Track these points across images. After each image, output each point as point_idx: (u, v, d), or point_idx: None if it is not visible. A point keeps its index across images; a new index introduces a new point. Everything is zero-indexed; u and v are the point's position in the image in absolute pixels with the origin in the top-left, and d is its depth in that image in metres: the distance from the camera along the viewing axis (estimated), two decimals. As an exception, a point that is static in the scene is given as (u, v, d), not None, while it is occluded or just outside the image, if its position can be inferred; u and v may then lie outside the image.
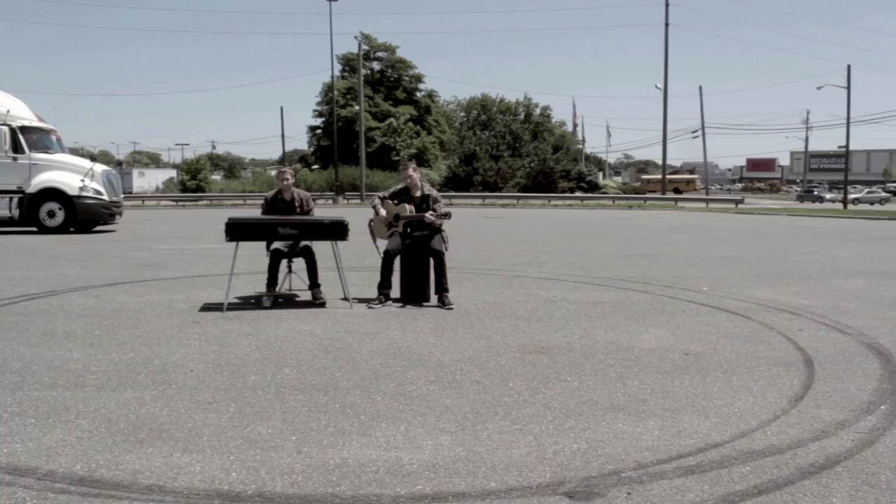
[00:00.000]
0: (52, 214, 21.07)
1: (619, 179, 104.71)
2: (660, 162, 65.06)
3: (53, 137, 22.64)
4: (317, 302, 8.81)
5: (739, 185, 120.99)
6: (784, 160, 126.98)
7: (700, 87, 69.65)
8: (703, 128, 63.35)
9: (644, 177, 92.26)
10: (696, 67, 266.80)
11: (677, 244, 18.40)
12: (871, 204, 63.45)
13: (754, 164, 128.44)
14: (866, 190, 75.26)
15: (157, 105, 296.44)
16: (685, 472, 3.77)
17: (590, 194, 59.03)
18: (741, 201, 51.78)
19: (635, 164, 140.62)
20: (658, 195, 58.18)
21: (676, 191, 69.25)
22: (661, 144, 58.83)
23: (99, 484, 3.58)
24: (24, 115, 21.94)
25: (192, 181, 60.87)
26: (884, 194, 71.85)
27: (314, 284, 8.97)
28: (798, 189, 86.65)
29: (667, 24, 55.95)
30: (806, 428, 4.47)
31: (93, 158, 26.63)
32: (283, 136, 73.76)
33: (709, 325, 7.71)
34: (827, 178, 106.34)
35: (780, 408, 4.87)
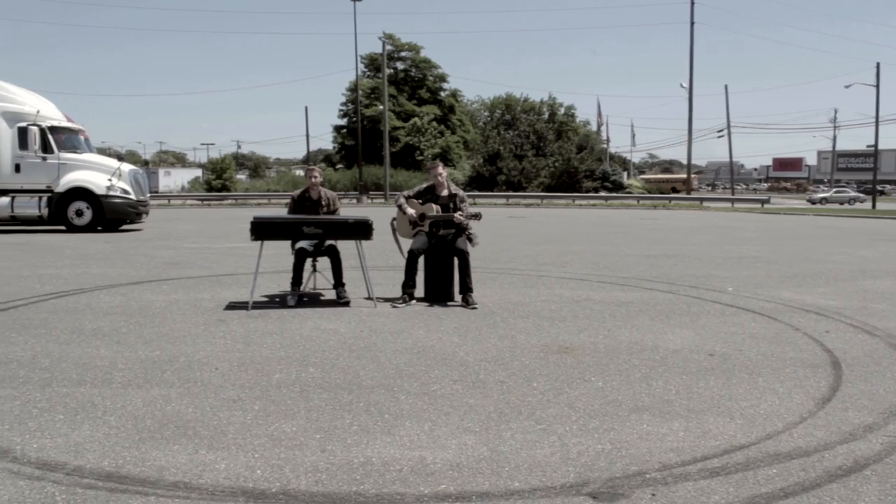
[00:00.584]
0: (80, 213, 21.30)
1: (643, 179, 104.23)
2: (685, 162, 64.64)
3: (82, 137, 22.89)
4: (341, 301, 8.83)
5: (765, 184, 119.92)
6: (811, 160, 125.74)
7: (726, 87, 69.20)
8: (728, 127, 62.93)
9: (642, 176, 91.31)
10: (722, 66, 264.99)
11: (702, 244, 18.28)
12: (841, 204, 61.66)
13: (781, 164, 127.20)
14: (834, 189, 73.14)
15: (183, 105, 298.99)
16: (710, 473, 3.75)
17: (614, 194, 58.74)
18: (767, 201, 51.34)
19: (660, 163, 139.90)
20: (684, 195, 57.80)
21: (674, 190, 68.62)
22: (686, 144, 58.45)
23: (126, 480, 3.62)
24: (53, 115, 22.21)
25: (218, 180, 61.33)
26: (853, 193, 69.76)
27: (339, 283, 9.00)
28: (824, 189, 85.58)
29: (692, 23, 55.64)
30: (833, 430, 4.42)
31: (120, 158, 26.82)
32: (307, 135, 74.04)
33: (734, 325, 7.66)
34: (855, 177, 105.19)
35: (806, 410, 4.83)
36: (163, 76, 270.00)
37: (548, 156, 63.46)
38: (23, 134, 20.96)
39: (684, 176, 67.63)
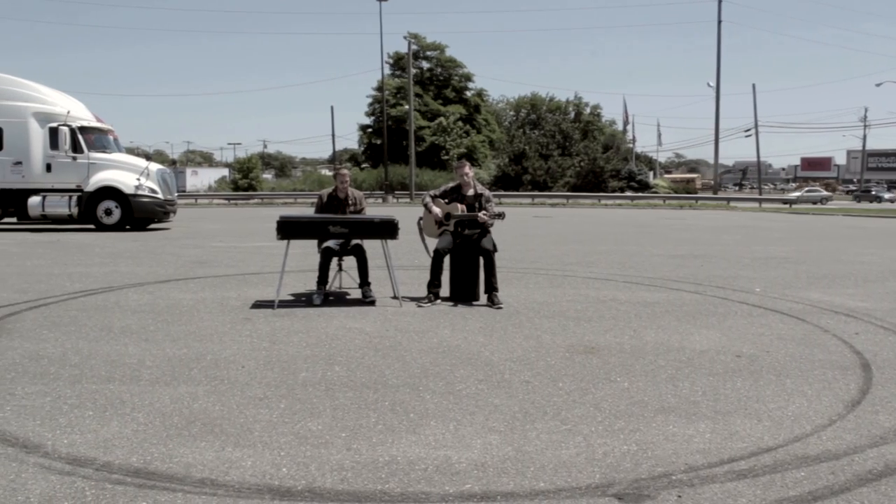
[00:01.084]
0: (108, 212, 21.53)
1: (669, 178, 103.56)
2: (711, 161, 64.16)
3: (111, 137, 23.16)
4: (367, 300, 8.86)
5: (794, 184, 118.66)
6: (840, 159, 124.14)
7: (753, 85, 68.51)
8: (756, 126, 62.29)
9: (668, 176, 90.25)
10: (750, 65, 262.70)
11: (729, 244, 18.13)
12: (814, 203, 60.35)
13: (809, 164, 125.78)
14: (806, 189, 71.12)
15: (210, 105, 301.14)
16: (737, 475, 3.72)
17: (640, 194, 58.46)
18: (795, 201, 50.82)
19: (686, 163, 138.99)
20: (710, 195, 57.38)
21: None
22: (713, 143, 58.01)
23: (154, 476, 3.65)
24: (83, 115, 22.50)
25: (244, 180, 61.71)
26: (825, 193, 68.05)
27: (364, 283, 9.03)
28: (855, 189, 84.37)
29: (719, 21, 55.25)
30: (863, 434, 4.37)
31: (148, 157, 27.17)
32: (333, 135, 74.04)
33: (762, 326, 7.59)
34: (885, 177, 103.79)
35: (836, 412, 4.78)
36: (190, 76, 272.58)
37: (573, 155, 63.27)
38: (54, 134, 21.25)
39: (688, 175, 66.79)
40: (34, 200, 21.19)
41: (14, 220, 22.20)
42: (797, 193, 65.39)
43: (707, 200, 52.67)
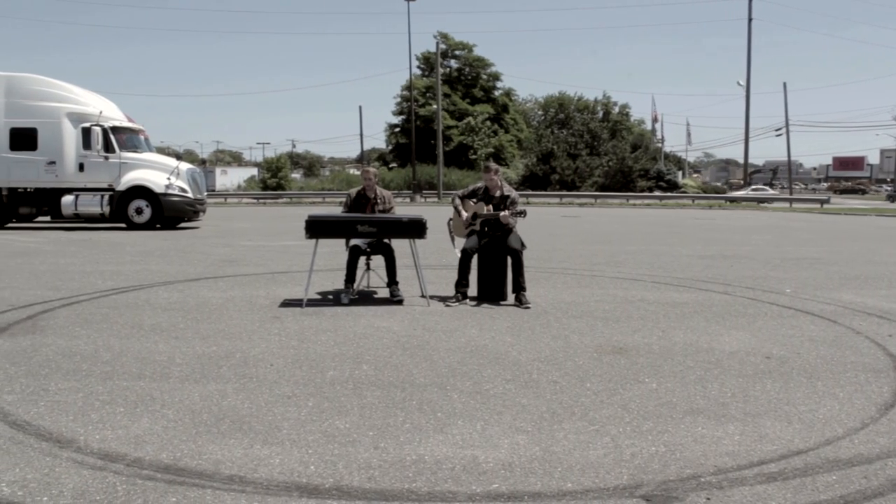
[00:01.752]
0: (139, 211, 21.77)
1: (698, 178, 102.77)
2: (741, 161, 63.57)
3: (142, 137, 23.42)
4: (394, 299, 8.88)
5: (825, 184, 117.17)
6: (873, 158, 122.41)
7: (784, 84, 67.83)
8: (786, 125, 61.77)
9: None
10: (781, 63, 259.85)
11: (759, 245, 17.96)
12: (759, 203, 58.61)
13: (841, 163, 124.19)
14: (751, 188, 68.44)
15: (240, 105, 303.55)
16: (767, 478, 3.68)
17: (669, 193, 58.04)
18: (827, 201, 50.20)
19: (716, 162, 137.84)
20: (742, 194, 56.83)
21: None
22: (742, 143, 57.46)
23: (183, 472, 3.69)
24: (115, 115, 22.78)
25: (273, 179, 62.02)
26: (771, 192, 65.83)
27: (392, 282, 9.05)
28: (889, 188, 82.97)
29: (750, 19, 54.69)
30: (896, 437, 4.31)
31: (178, 157, 27.38)
32: (361, 134, 74.69)
33: (792, 328, 7.51)
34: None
35: (868, 416, 4.71)
36: (219, 76, 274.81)
37: (601, 155, 62.95)
38: (86, 134, 21.53)
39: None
40: (67, 199, 21.49)
41: (48, 218, 22.54)
42: (741, 192, 63.32)
43: (737, 200, 52.14)
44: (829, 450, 4.08)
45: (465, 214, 9.08)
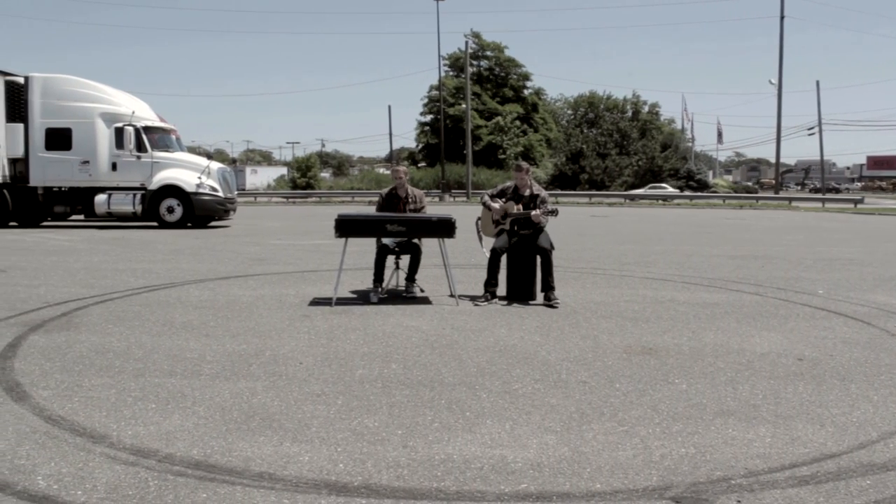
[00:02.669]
0: (171, 210, 22.00)
1: (729, 178, 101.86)
2: (773, 160, 62.90)
3: (173, 136, 23.67)
4: (406, 294, 8.97)
5: (859, 184, 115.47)
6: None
7: (817, 82, 66.72)
8: (819, 124, 60.95)
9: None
10: (814, 61, 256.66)
11: (791, 245, 17.76)
12: (657, 200, 56.65)
13: (876, 162, 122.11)
14: (649, 186, 64.88)
15: (270, 104, 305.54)
16: (799, 482, 3.64)
17: (699, 193, 57.59)
18: (860, 201, 49.52)
19: (747, 162, 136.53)
20: (772, 194, 56.27)
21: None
22: (774, 142, 56.82)
23: (214, 469, 3.72)
24: (147, 115, 23.05)
25: (303, 178, 62.32)
26: (671, 191, 63.64)
27: (410, 279, 9.12)
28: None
29: (782, 17, 54.02)
30: (932, 440, 4.24)
31: (209, 156, 27.67)
32: (390, 134, 74.63)
33: (825, 329, 7.42)
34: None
35: (903, 418, 4.65)
36: (250, 76, 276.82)
37: (631, 154, 62.63)
38: (119, 134, 21.80)
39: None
40: (100, 198, 21.78)
41: (81, 217, 22.86)
42: (641, 190, 61.43)
43: (768, 200, 51.59)
44: (864, 454, 4.02)
45: (496, 206, 9.07)
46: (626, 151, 63.18)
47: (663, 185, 64.14)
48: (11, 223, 22.26)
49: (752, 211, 42.95)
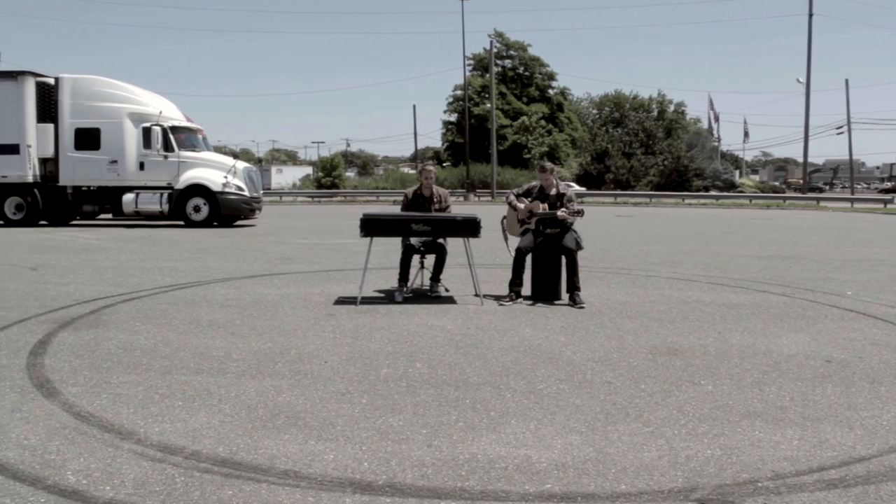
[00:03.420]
0: (197, 209, 22.18)
1: (756, 178, 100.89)
2: (800, 159, 62.28)
3: (199, 136, 23.87)
4: (431, 294, 8.98)
5: (889, 183, 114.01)
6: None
7: (846, 80, 65.83)
8: (848, 123, 60.20)
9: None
10: (842, 59, 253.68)
11: (819, 245, 17.57)
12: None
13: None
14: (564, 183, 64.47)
15: (295, 104, 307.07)
16: (827, 485, 3.60)
17: (725, 193, 57.12)
18: (891, 201, 48.87)
19: (774, 161, 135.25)
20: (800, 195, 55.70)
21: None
22: (802, 141, 56.26)
23: (240, 466, 3.75)
24: (174, 115, 23.27)
25: (327, 178, 62.53)
26: (576, 188, 62.20)
27: (435, 278, 9.14)
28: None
29: (811, 15, 53.53)
30: (963, 444, 4.18)
31: (235, 156, 27.84)
32: (415, 133, 74.92)
33: (854, 331, 7.33)
34: None
35: (934, 421, 4.58)
36: (275, 76, 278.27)
37: (657, 154, 62.26)
38: (147, 134, 22.03)
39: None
40: (128, 197, 22.02)
41: (109, 216, 23.11)
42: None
43: (795, 200, 51.06)
44: (894, 458, 3.97)
45: (520, 206, 9.05)
46: (651, 151, 62.79)
47: (570, 183, 63.73)
48: (42, 222, 22.58)
49: (779, 211, 42.56)
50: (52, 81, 22.45)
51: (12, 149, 21.88)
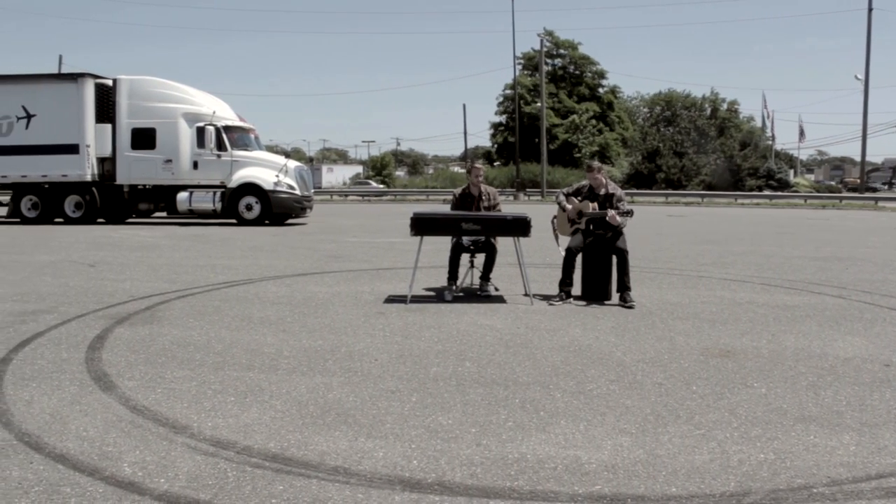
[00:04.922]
0: (249, 208, 22.48)
1: (811, 177, 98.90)
2: (857, 158, 60.90)
3: (252, 136, 24.18)
4: (481, 294, 8.97)
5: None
6: None
7: (908, 79, 64.38)
8: (910, 122, 58.64)
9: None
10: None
11: (877, 247, 17.16)
12: (362, 197, 53.36)
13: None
14: (353, 182, 62.09)
15: (346, 103, 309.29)
16: (886, 493, 3.51)
17: (779, 193, 56.11)
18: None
19: (830, 160, 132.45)
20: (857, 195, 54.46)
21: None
22: (860, 140, 55.00)
23: (290, 462, 3.79)
24: (227, 115, 23.62)
25: (378, 177, 62.93)
26: (377, 187, 58.72)
27: (485, 277, 9.12)
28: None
29: (870, 9, 52.21)
30: None
31: (286, 155, 28.17)
32: (465, 132, 75.27)
33: (915, 335, 7.15)
34: None
35: None
36: (326, 75, 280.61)
37: (709, 153, 61.42)
38: (200, 133, 22.41)
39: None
40: (182, 196, 22.42)
41: (164, 214, 23.55)
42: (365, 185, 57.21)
43: (852, 200, 49.93)
44: (955, 464, 3.87)
45: (568, 206, 9.01)
46: (703, 150, 61.96)
47: (370, 181, 62.15)
48: (99, 220, 23.11)
49: (835, 211, 41.67)
50: (110, 83, 22.97)
51: (72, 148, 22.45)
